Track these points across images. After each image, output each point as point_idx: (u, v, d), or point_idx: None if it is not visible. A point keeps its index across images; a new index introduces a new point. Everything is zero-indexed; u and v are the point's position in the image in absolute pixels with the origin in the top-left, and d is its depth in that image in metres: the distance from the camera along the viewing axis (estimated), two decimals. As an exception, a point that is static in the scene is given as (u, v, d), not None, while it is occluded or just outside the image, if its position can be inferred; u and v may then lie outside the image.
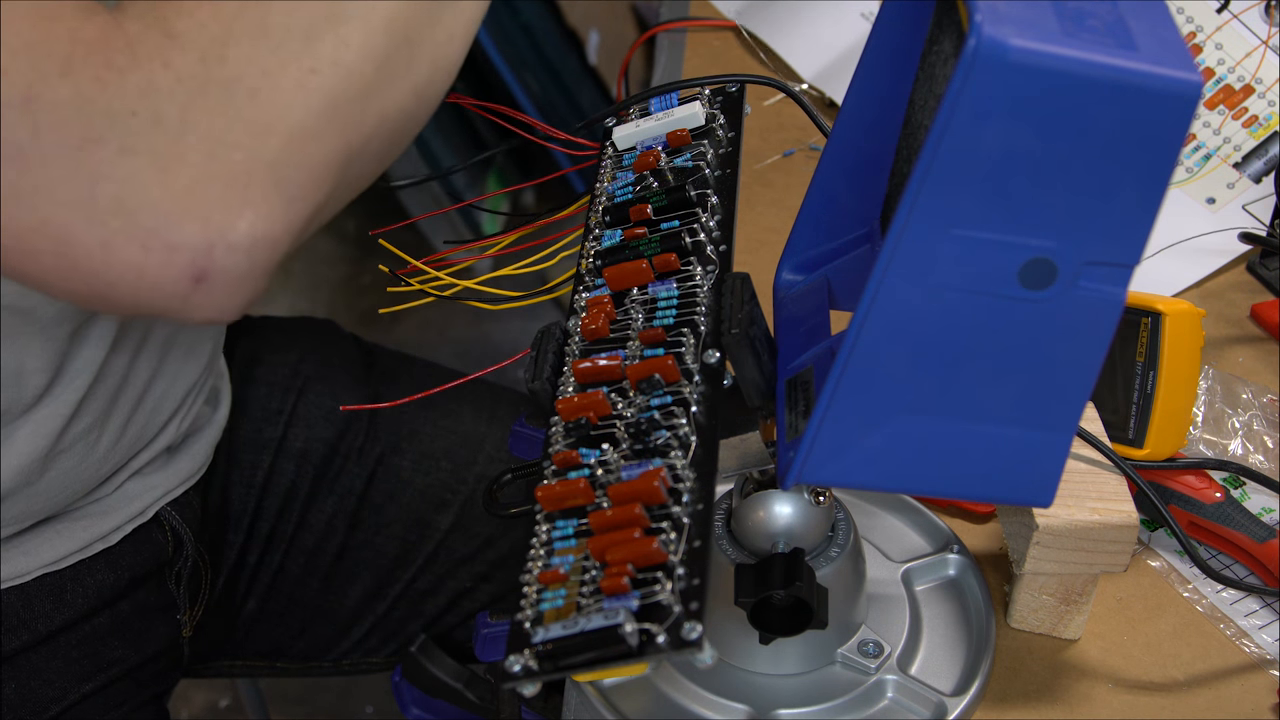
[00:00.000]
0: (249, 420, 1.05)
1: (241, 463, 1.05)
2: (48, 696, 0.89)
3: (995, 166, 0.57)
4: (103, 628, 0.91)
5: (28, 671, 0.88)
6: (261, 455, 1.05)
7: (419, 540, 1.08)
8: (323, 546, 1.07)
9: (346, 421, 1.07)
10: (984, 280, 0.59)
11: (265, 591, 1.07)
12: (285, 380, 1.07)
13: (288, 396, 1.07)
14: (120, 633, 0.93)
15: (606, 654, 0.58)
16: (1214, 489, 0.84)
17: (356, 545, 1.08)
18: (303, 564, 1.07)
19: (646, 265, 0.71)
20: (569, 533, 0.63)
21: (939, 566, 0.83)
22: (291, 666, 1.13)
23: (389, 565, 1.08)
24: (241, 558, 1.05)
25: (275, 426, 1.06)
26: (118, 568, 0.91)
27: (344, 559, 1.07)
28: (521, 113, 0.83)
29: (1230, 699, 0.78)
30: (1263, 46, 1.10)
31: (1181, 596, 0.83)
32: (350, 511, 1.07)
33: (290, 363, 1.08)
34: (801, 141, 1.18)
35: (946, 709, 0.74)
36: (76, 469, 0.84)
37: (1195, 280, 1.04)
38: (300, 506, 1.06)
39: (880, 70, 0.71)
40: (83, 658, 0.91)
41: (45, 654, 0.89)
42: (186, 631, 0.99)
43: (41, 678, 0.89)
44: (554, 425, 0.68)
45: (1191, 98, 0.56)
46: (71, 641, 0.90)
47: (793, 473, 0.64)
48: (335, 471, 1.07)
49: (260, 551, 1.06)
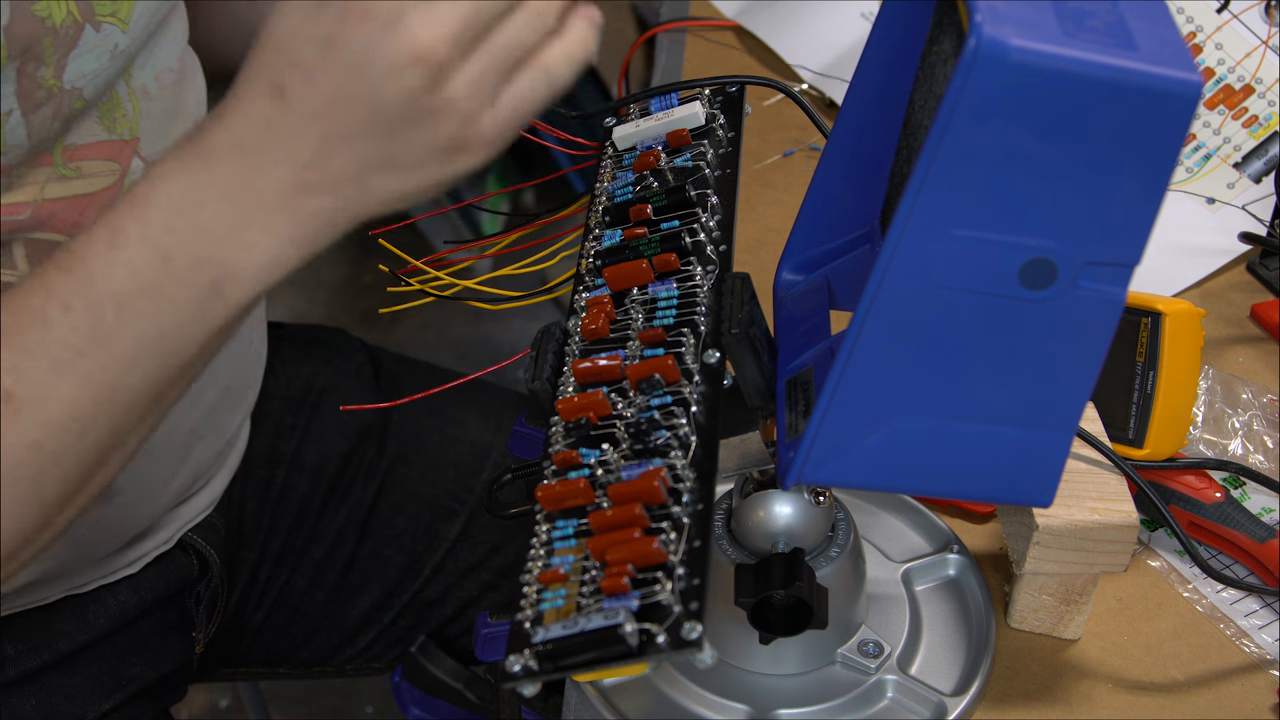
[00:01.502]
0: (263, 435, 1.05)
1: (256, 478, 1.04)
2: (69, 714, 0.89)
3: (995, 166, 0.57)
4: (122, 645, 0.92)
5: (49, 689, 0.89)
6: (276, 470, 1.05)
7: (427, 550, 1.08)
8: (331, 558, 1.07)
9: (358, 434, 1.07)
10: (984, 280, 0.59)
11: (272, 604, 1.07)
12: (299, 394, 1.07)
13: (301, 411, 1.06)
14: (139, 650, 0.93)
15: (606, 654, 0.58)
16: (1214, 489, 0.84)
17: (365, 557, 1.07)
18: (310, 576, 1.07)
19: (646, 265, 0.71)
20: (569, 533, 0.63)
21: (939, 566, 0.83)
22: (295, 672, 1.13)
23: (397, 576, 1.08)
24: (254, 573, 1.05)
25: (289, 441, 1.06)
26: (140, 589, 0.92)
27: (352, 570, 1.07)
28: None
29: (1230, 699, 0.78)
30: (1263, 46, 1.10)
31: (1181, 596, 0.83)
32: (360, 523, 1.07)
33: (304, 376, 1.08)
34: (801, 141, 1.18)
35: (946, 709, 0.74)
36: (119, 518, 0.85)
37: (1195, 280, 1.04)
38: (312, 520, 1.06)
39: (880, 70, 0.71)
40: (102, 675, 0.91)
41: (66, 671, 0.89)
42: (199, 648, 1.00)
43: (62, 694, 0.89)
44: (554, 425, 0.68)
45: (1191, 98, 0.56)
46: (91, 659, 0.90)
47: (793, 473, 0.64)
48: (346, 484, 1.07)
49: (272, 566, 1.06)
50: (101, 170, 0.79)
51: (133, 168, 0.80)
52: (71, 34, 0.74)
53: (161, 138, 0.83)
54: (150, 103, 0.82)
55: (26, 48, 0.71)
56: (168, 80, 0.83)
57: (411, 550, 1.08)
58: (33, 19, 0.71)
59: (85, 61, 0.75)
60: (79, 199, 0.77)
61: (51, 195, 0.76)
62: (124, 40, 0.77)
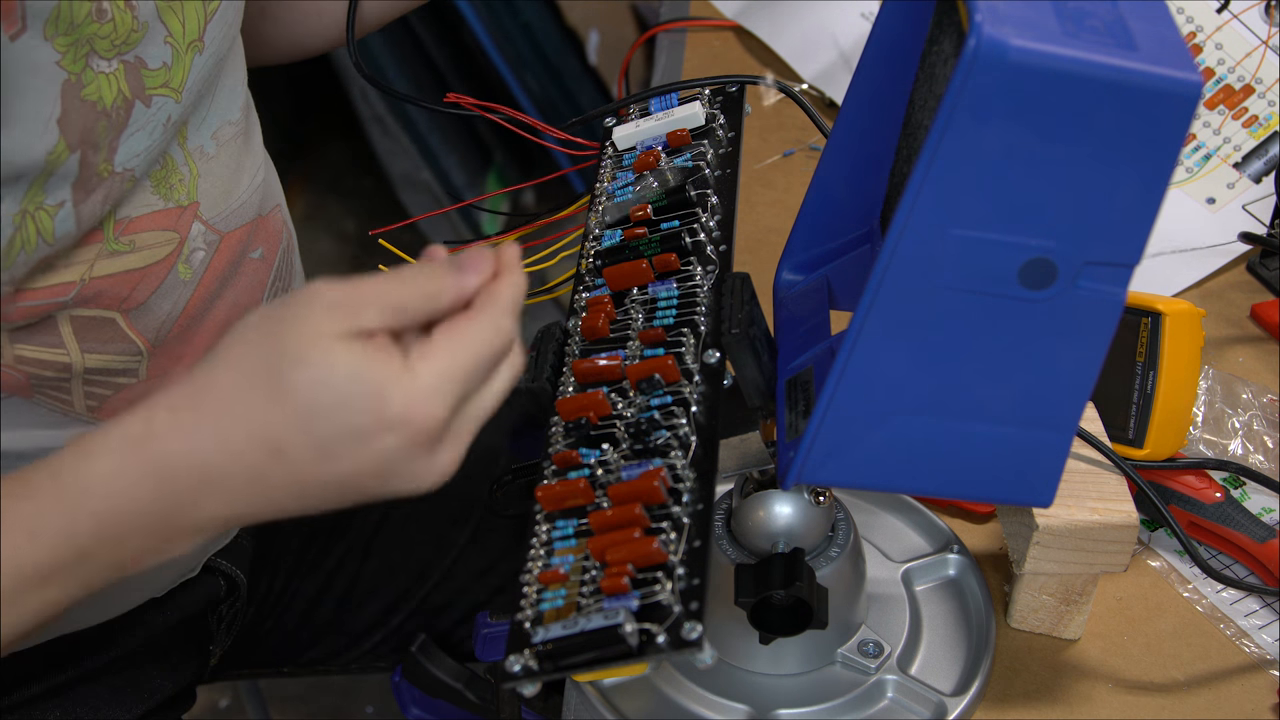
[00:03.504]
0: None
1: None
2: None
3: (995, 166, 0.57)
4: (144, 659, 0.92)
5: (74, 700, 0.89)
6: None
7: (436, 556, 1.08)
8: (342, 568, 1.06)
9: None
10: (984, 280, 0.59)
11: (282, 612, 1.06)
12: None
13: None
14: (159, 664, 0.93)
15: (606, 654, 0.58)
16: (1214, 489, 0.84)
17: (375, 564, 1.07)
18: (320, 584, 1.06)
19: (646, 265, 0.71)
20: (569, 533, 0.63)
21: (939, 566, 0.83)
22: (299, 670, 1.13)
23: (407, 581, 1.08)
24: (268, 587, 1.05)
25: None
26: (166, 609, 0.92)
27: (361, 579, 1.07)
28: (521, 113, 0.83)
29: (1230, 699, 0.78)
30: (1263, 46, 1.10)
31: (1181, 596, 0.83)
32: (372, 530, 1.07)
33: None
34: (801, 141, 1.18)
35: (946, 709, 0.74)
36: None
37: (1195, 280, 1.04)
38: (324, 537, 1.06)
39: (880, 70, 0.71)
40: (125, 687, 0.91)
41: (91, 683, 0.89)
42: (214, 661, 1.00)
43: (87, 705, 0.89)
44: (554, 425, 0.68)
45: (1191, 98, 0.56)
46: (115, 671, 0.90)
47: (793, 473, 0.64)
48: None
49: (286, 578, 1.05)
50: (156, 241, 0.75)
51: (192, 234, 0.77)
52: (122, 114, 0.70)
53: (225, 197, 0.79)
54: (209, 163, 0.78)
55: (83, 136, 0.68)
56: (227, 134, 0.80)
57: (421, 556, 1.07)
58: (84, 105, 0.68)
59: (137, 141, 0.71)
60: (130, 274, 0.74)
61: (100, 273, 0.72)
62: (177, 110, 0.74)
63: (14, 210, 0.66)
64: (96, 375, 0.76)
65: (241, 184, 0.81)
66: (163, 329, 0.77)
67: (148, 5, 0.71)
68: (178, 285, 0.77)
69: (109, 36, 0.69)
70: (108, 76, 0.69)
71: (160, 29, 0.72)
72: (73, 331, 0.73)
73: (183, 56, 0.74)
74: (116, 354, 0.76)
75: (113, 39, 0.69)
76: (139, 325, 0.76)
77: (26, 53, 0.65)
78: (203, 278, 0.78)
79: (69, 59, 0.67)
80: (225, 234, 0.79)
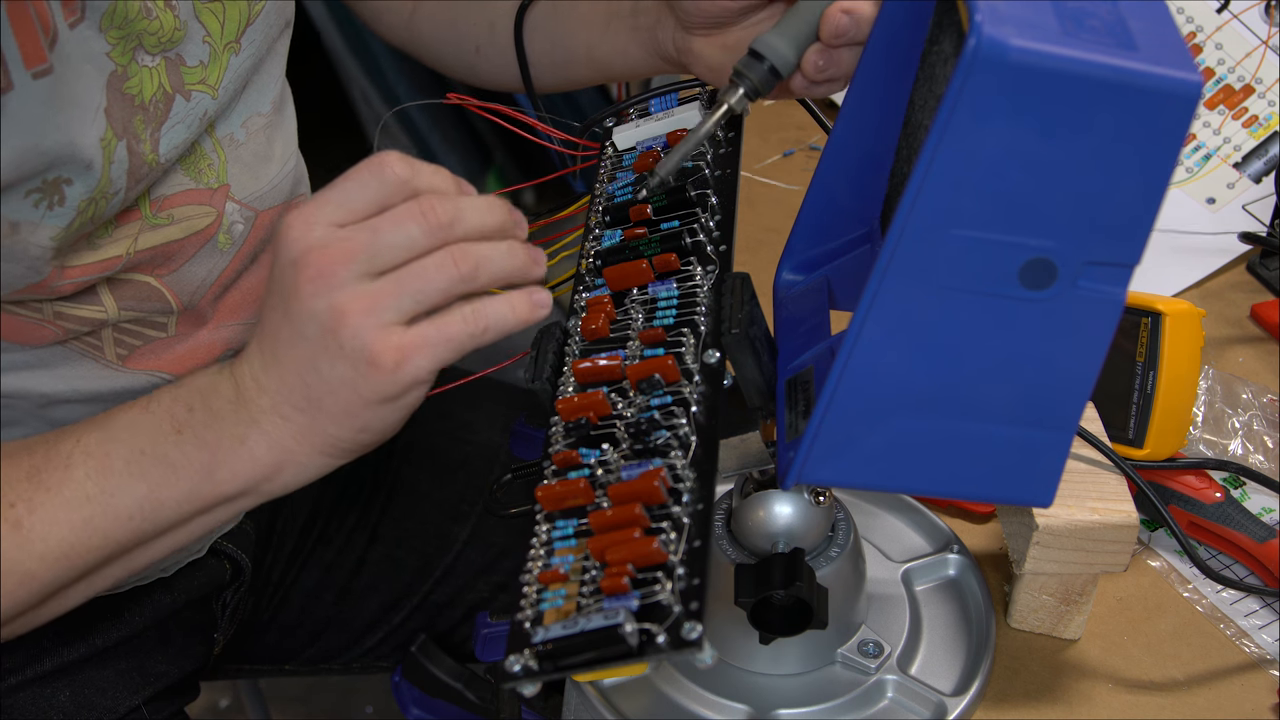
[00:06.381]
0: None
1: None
2: (101, 706, 0.91)
3: (995, 166, 0.57)
4: (150, 643, 0.93)
5: (83, 681, 0.90)
6: None
7: (437, 553, 1.08)
8: (340, 561, 1.07)
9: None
10: (984, 280, 0.59)
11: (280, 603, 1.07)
12: None
13: None
14: (164, 648, 0.94)
15: (606, 654, 0.58)
16: (1214, 489, 0.84)
17: (374, 559, 1.07)
18: (319, 577, 1.07)
19: (646, 265, 0.71)
20: (569, 533, 0.63)
21: (939, 566, 0.83)
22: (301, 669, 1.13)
23: (407, 578, 1.08)
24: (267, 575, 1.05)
25: None
26: (174, 590, 0.93)
27: (361, 573, 1.07)
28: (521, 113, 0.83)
29: (1230, 699, 0.78)
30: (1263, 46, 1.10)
31: (1181, 596, 0.83)
32: (370, 526, 1.07)
33: None
34: (801, 141, 1.18)
35: (946, 709, 0.74)
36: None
37: (1195, 280, 1.04)
38: (322, 522, 1.06)
39: (880, 70, 0.71)
40: (131, 670, 0.92)
41: (99, 665, 0.91)
42: (217, 650, 1.00)
43: (95, 686, 0.90)
44: (554, 425, 0.68)
45: (1191, 98, 0.56)
46: (122, 654, 0.92)
47: (793, 473, 0.64)
48: (356, 488, 1.07)
49: (283, 569, 1.06)
50: (195, 214, 0.79)
51: (229, 209, 0.80)
52: (162, 108, 0.74)
53: (254, 180, 0.82)
54: (238, 149, 0.81)
55: (125, 127, 0.71)
56: (257, 125, 0.82)
57: (422, 552, 1.08)
58: (124, 98, 0.71)
59: (176, 133, 0.75)
60: (171, 244, 0.78)
61: (145, 245, 0.76)
62: (213, 106, 0.77)
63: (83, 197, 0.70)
64: (129, 325, 0.80)
65: (271, 169, 0.84)
66: (197, 293, 0.81)
67: (185, 5, 0.75)
68: (215, 254, 0.81)
69: (156, 34, 0.73)
70: (150, 70, 0.73)
71: (198, 29, 0.76)
72: (110, 291, 0.77)
73: (220, 56, 0.77)
74: (150, 311, 0.80)
75: (159, 36, 0.73)
76: (175, 288, 0.80)
77: (82, 42, 0.68)
78: (240, 249, 0.82)
79: (118, 51, 0.71)
80: (260, 211, 0.83)
